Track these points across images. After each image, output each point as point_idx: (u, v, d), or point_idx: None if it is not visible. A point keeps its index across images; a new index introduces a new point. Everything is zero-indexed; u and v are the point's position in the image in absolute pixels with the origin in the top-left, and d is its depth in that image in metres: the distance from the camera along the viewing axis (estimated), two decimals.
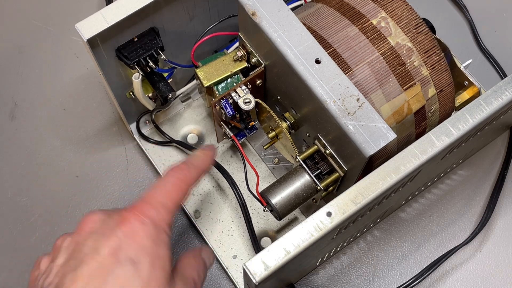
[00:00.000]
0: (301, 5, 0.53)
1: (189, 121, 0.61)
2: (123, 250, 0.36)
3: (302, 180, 0.45)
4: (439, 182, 0.60)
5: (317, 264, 0.55)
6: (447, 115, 0.50)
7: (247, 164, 0.52)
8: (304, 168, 0.45)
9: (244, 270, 0.37)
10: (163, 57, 0.50)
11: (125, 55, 0.48)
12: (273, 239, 0.56)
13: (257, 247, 0.54)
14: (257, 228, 0.56)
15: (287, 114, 0.48)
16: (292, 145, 0.47)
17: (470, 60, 0.55)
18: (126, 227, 0.37)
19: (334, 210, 0.37)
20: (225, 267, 0.55)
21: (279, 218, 0.47)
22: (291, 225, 0.57)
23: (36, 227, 0.57)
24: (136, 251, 0.36)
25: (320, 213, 0.37)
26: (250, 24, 0.43)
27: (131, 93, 0.54)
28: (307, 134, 0.47)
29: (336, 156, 0.43)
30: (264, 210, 0.48)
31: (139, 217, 0.37)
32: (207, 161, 0.45)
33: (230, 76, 0.49)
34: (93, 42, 0.45)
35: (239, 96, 0.47)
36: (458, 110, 0.44)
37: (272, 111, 0.47)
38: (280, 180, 0.46)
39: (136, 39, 0.48)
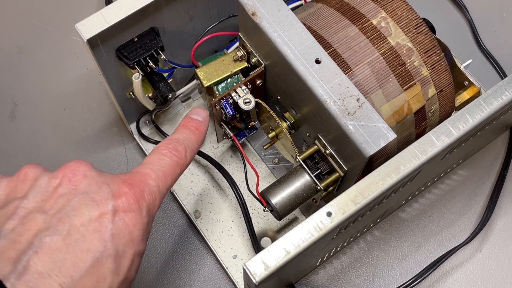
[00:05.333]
0: (301, 5, 0.53)
1: None
2: (113, 235, 0.31)
3: (302, 180, 0.45)
4: (439, 182, 0.60)
5: (317, 264, 0.55)
6: (447, 115, 0.50)
7: (247, 164, 0.52)
8: (304, 168, 0.45)
9: (244, 270, 0.37)
10: (163, 57, 0.50)
11: (125, 55, 0.48)
12: (273, 239, 0.56)
13: (257, 247, 0.54)
14: (257, 228, 0.56)
15: (287, 114, 0.48)
16: (292, 145, 0.47)
17: (470, 60, 0.55)
18: (123, 205, 0.32)
19: (334, 210, 0.37)
20: (225, 267, 0.55)
21: (279, 218, 0.47)
22: (291, 225, 0.57)
23: None
24: (125, 241, 0.32)
25: (320, 213, 0.37)
26: (250, 24, 0.43)
27: (131, 93, 0.54)
28: (307, 134, 0.47)
29: (336, 156, 0.43)
30: (264, 210, 0.48)
31: (138, 199, 0.33)
32: (200, 142, 0.41)
33: (230, 76, 0.49)
34: (93, 42, 0.45)
35: (239, 96, 0.47)
36: (458, 110, 0.44)
37: (272, 111, 0.47)
38: (280, 180, 0.46)
39: (136, 39, 0.48)
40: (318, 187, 0.45)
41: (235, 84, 0.48)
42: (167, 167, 0.37)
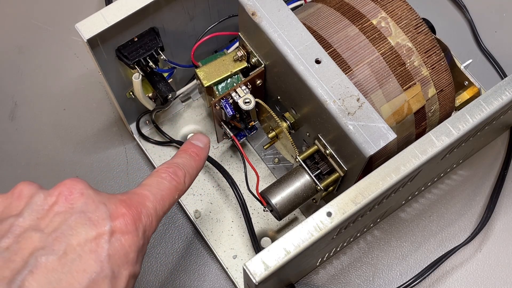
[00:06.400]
0: (301, 5, 0.53)
1: (189, 121, 0.61)
2: (109, 256, 0.31)
3: (302, 180, 0.45)
4: (439, 182, 0.60)
5: (317, 264, 0.55)
6: (447, 115, 0.50)
7: (247, 164, 0.52)
8: (304, 168, 0.45)
9: (244, 270, 0.37)
10: (163, 57, 0.50)
11: (125, 55, 0.48)
12: (273, 239, 0.56)
13: (257, 247, 0.54)
14: (257, 228, 0.56)
15: (287, 114, 0.48)
16: (292, 145, 0.47)
17: (470, 60, 0.55)
18: (121, 226, 0.32)
19: (334, 210, 0.37)
20: (225, 267, 0.55)
21: (279, 218, 0.47)
22: (291, 225, 0.57)
23: None
24: (121, 262, 0.32)
25: (320, 213, 0.37)
26: (250, 24, 0.43)
27: (131, 93, 0.54)
28: (307, 134, 0.47)
29: (336, 156, 0.43)
30: (264, 210, 0.48)
31: (135, 221, 0.33)
32: (200, 169, 0.41)
33: (230, 76, 0.49)
34: (93, 42, 0.45)
35: (239, 96, 0.47)
36: (458, 110, 0.44)
37: (272, 111, 0.47)
38: (280, 180, 0.46)
39: (136, 39, 0.48)
40: (318, 187, 0.45)
41: (235, 84, 0.48)
42: (165, 191, 0.37)
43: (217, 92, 0.49)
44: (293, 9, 0.48)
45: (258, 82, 0.48)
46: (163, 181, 0.37)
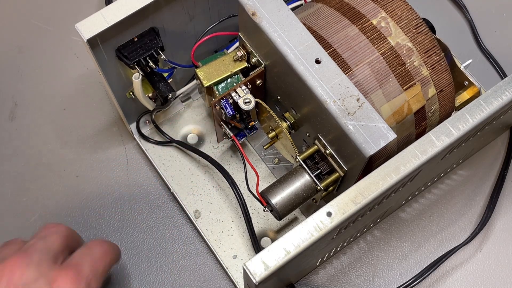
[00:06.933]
0: (301, 5, 0.53)
1: (189, 121, 0.61)
2: None
3: (302, 180, 0.45)
4: (439, 182, 0.60)
5: (317, 264, 0.55)
6: (447, 115, 0.50)
7: (247, 164, 0.52)
8: (304, 168, 0.45)
9: (244, 270, 0.37)
10: (163, 57, 0.50)
11: (125, 55, 0.48)
12: (273, 239, 0.56)
13: (257, 247, 0.54)
14: (257, 228, 0.56)
15: (287, 114, 0.48)
16: (292, 145, 0.47)
17: (470, 60, 0.55)
18: None
19: (334, 210, 0.37)
20: (225, 267, 0.55)
21: (279, 218, 0.47)
22: (291, 225, 0.57)
23: (36, 227, 0.57)
24: None
25: (320, 213, 0.37)
26: (250, 24, 0.43)
27: (131, 93, 0.54)
28: (307, 134, 0.47)
29: (336, 156, 0.43)
30: (264, 210, 0.48)
31: (75, 280, 0.39)
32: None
33: (230, 76, 0.49)
34: (93, 42, 0.45)
35: (239, 96, 0.47)
36: (458, 110, 0.44)
37: (272, 111, 0.47)
38: (280, 180, 0.46)
39: (136, 39, 0.48)
40: (318, 187, 0.45)
41: (235, 84, 0.48)
42: (97, 254, 0.44)
43: (217, 92, 0.49)
44: (293, 9, 0.48)
45: (258, 82, 0.48)
46: (88, 246, 0.45)
